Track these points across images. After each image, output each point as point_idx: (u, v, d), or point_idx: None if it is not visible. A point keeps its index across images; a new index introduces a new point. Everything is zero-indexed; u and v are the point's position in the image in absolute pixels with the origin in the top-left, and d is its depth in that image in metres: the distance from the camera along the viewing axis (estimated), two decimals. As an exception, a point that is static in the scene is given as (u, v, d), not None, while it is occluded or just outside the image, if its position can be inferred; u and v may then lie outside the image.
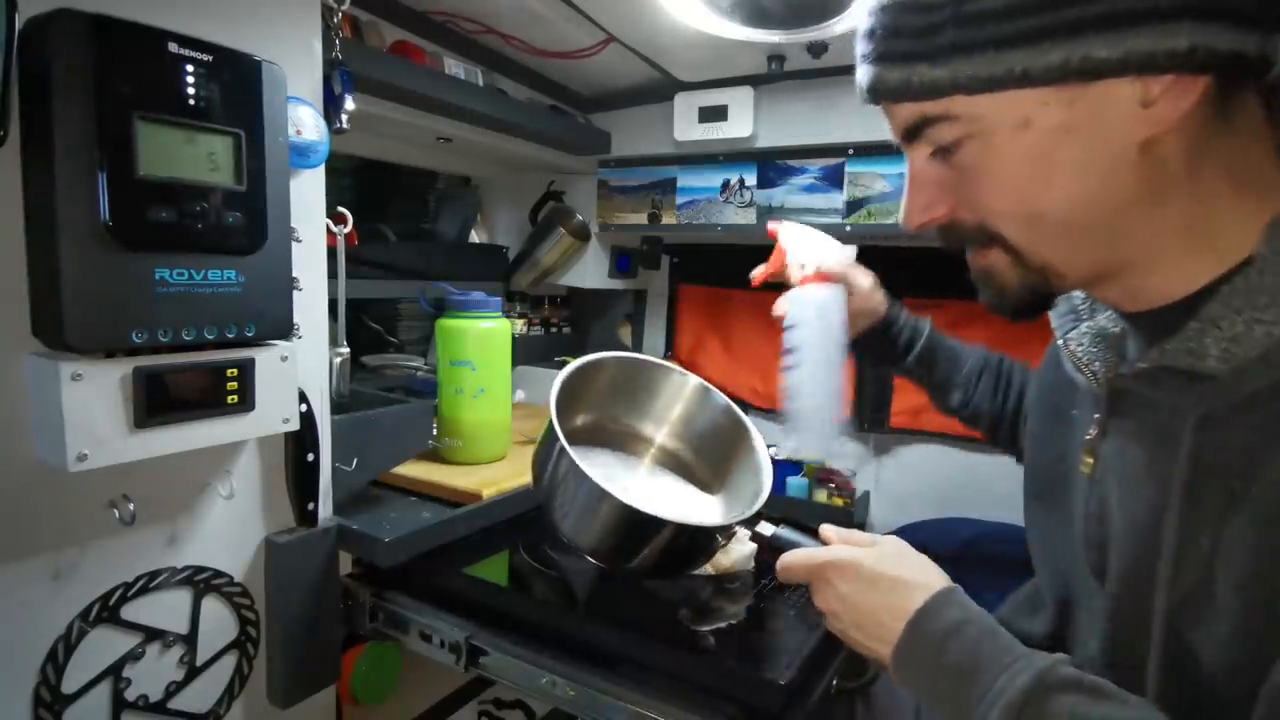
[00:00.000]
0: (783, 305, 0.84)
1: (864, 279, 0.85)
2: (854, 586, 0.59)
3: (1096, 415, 0.55)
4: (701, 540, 0.75)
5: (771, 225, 0.89)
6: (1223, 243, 0.45)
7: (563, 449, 0.72)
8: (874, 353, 0.89)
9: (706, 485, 0.91)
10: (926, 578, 0.58)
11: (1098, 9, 0.40)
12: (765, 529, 0.73)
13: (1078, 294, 0.60)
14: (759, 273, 0.90)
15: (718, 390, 0.91)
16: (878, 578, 0.59)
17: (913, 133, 0.49)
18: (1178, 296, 0.48)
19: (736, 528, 0.74)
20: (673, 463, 0.92)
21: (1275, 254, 0.42)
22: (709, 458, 0.91)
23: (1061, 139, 0.44)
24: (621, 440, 0.90)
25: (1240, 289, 0.43)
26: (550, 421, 0.75)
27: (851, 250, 0.86)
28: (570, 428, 0.82)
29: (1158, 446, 0.48)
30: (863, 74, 0.49)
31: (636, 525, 0.71)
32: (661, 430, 0.92)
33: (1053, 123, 0.44)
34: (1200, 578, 0.44)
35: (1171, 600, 0.46)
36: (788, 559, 0.65)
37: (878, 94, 0.49)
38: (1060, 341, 0.59)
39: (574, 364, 0.82)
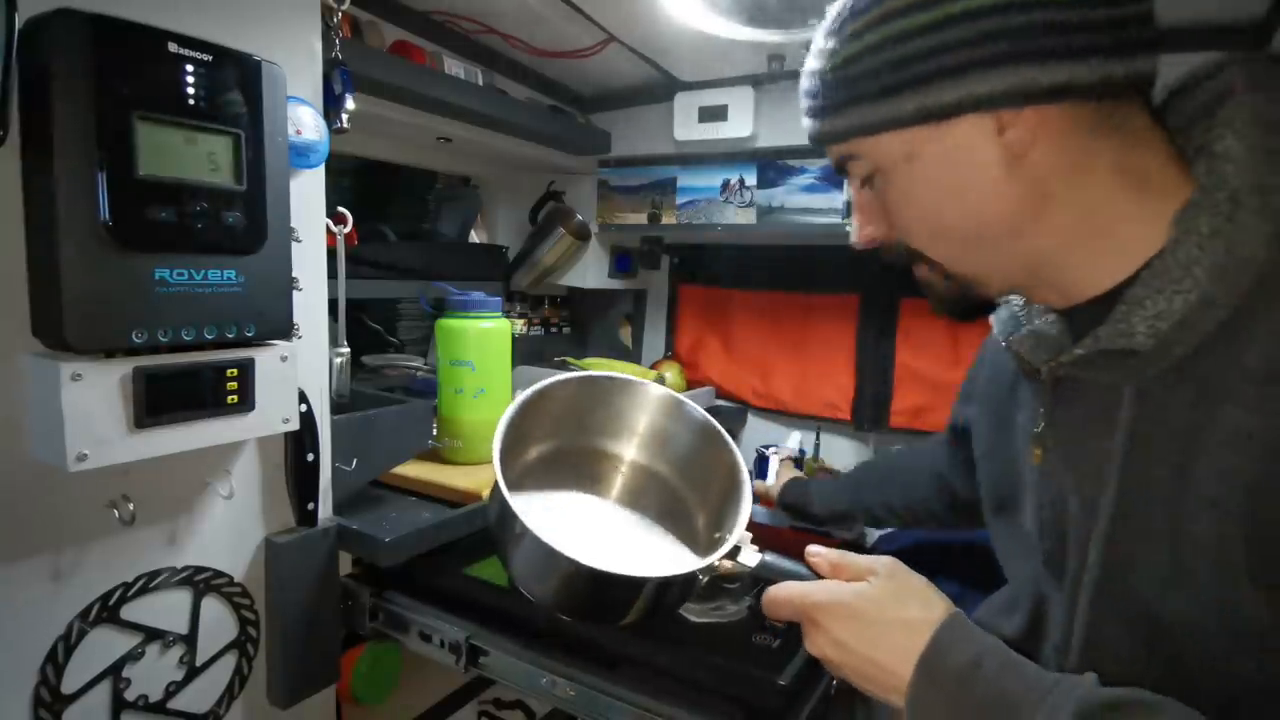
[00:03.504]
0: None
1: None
2: (848, 631, 0.55)
3: (1041, 409, 0.58)
4: (682, 590, 0.65)
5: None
6: (1130, 241, 0.50)
7: (512, 514, 0.61)
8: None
9: (684, 504, 0.78)
10: (926, 611, 0.54)
11: (938, 63, 0.48)
12: (750, 559, 0.63)
13: (1015, 299, 0.63)
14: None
15: (692, 403, 0.79)
16: (873, 620, 0.55)
17: (840, 168, 0.59)
18: (1103, 290, 0.52)
19: (721, 561, 0.64)
20: (647, 482, 0.80)
21: (1185, 235, 0.47)
22: (685, 472, 0.79)
23: (941, 166, 0.52)
24: (587, 461, 0.79)
25: (1158, 270, 0.47)
26: (495, 484, 0.63)
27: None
28: (525, 462, 0.73)
29: (1101, 422, 0.52)
30: (804, 124, 0.59)
31: (611, 587, 0.61)
32: (631, 445, 0.80)
33: (931, 154, 0.51)
34: (1168, 543, 0.48)
35: (1145, 565, 0.49)
36: (773, 594, 0.60)
37: (812, 140, 0.59)
38: (1004, 343, 0.63)
39: (516, 401, 0.70)
